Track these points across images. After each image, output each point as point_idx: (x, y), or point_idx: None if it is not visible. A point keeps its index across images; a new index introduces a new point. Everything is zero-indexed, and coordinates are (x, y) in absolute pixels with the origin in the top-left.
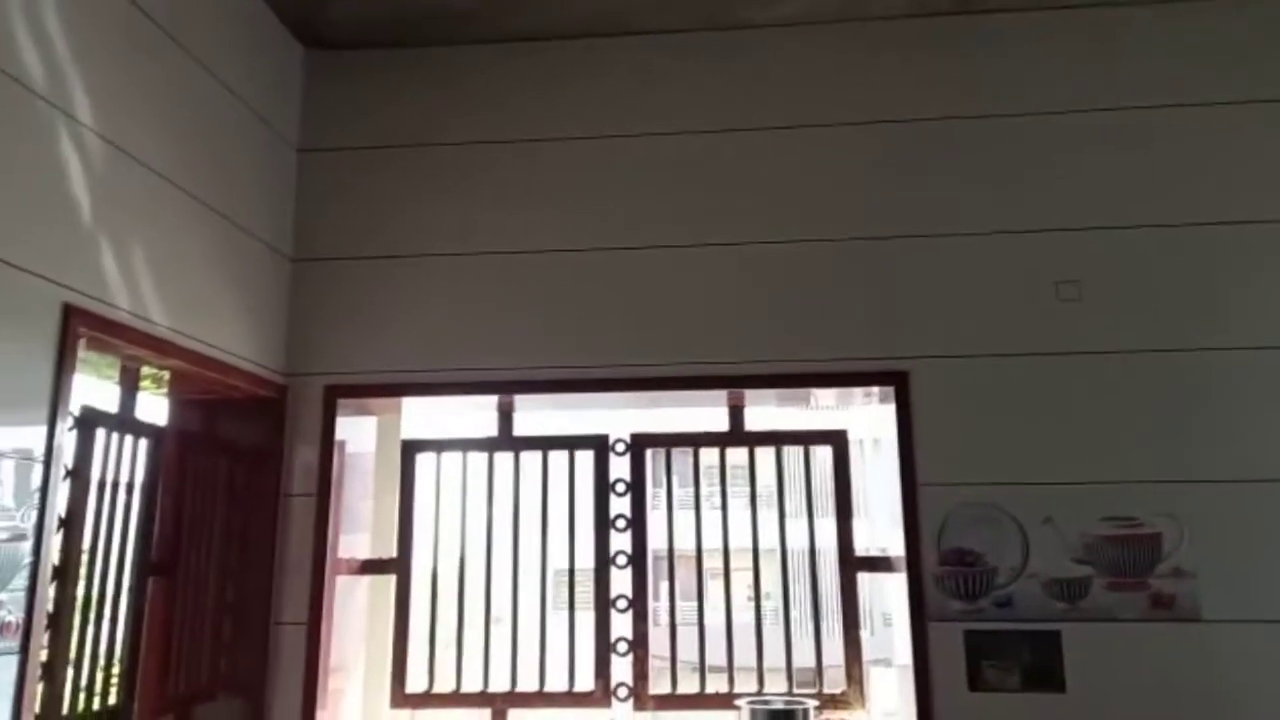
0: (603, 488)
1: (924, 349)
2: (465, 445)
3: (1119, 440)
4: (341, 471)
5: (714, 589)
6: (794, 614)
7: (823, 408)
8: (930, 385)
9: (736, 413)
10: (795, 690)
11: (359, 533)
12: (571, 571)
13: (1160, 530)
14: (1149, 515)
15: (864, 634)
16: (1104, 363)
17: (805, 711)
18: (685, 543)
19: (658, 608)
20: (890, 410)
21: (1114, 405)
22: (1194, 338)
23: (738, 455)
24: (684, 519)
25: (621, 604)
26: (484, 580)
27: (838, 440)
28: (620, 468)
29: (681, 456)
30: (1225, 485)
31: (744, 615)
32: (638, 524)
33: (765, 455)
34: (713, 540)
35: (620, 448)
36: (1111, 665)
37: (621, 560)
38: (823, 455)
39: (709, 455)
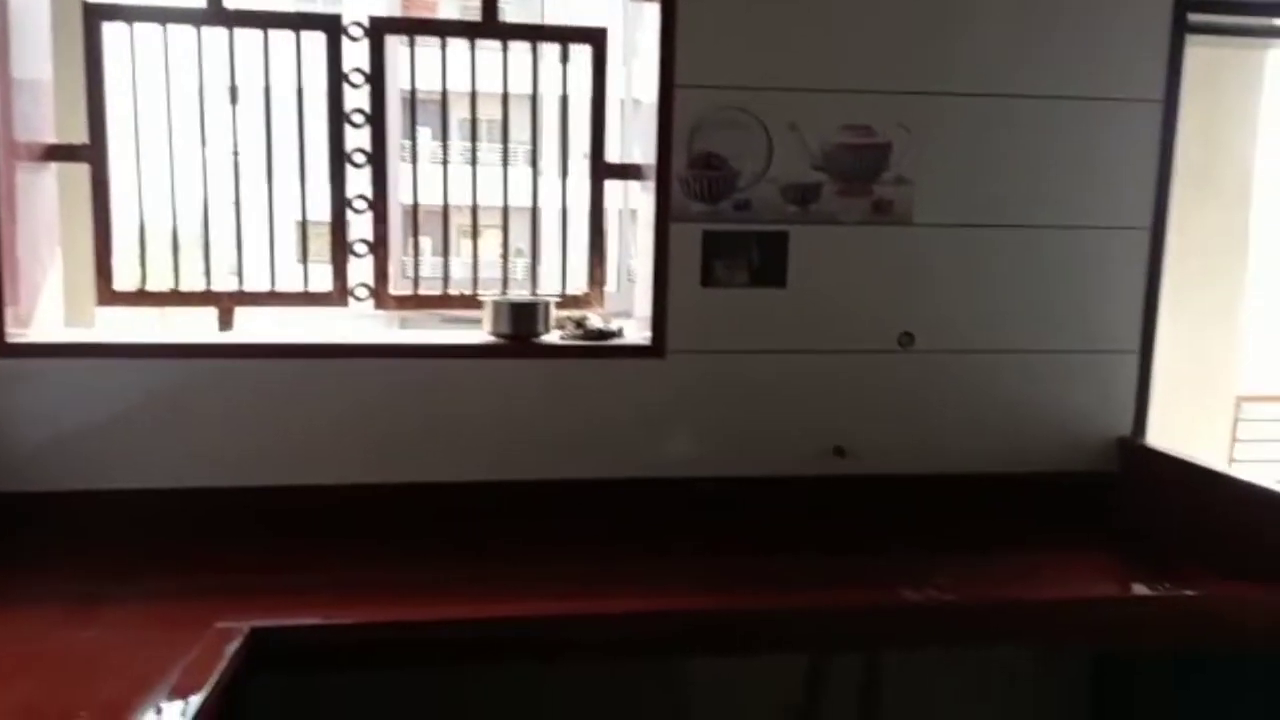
0: (336, 79)
1: None
2: (164, 16)
3: (870, 48)
4: (4, 36)
5: (464, 248)
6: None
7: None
8: None
9: (490, 2)
10: (539, 293)
11: (41, 114)
12: (302, 171)
13: (891, 140)
14: (884, 125)
15: (608, 289)
16: None
17: (546, 305)
18: (432, 197)
19: (406, 262)
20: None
21: (872, 10)
22: None
23: (490, 107)
24: (432, 171)
25: (360, 205)
26: (201, 172)
27: (597, 39)
28: (357, 56)
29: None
30: (955, 98)
31: (492, 272)
32: (377, 119)
33: (520, 109)
34: (462, 197)
35: (356, 31)
36: (829, 264)
37: (359, 158)
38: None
39: (460, 106)
